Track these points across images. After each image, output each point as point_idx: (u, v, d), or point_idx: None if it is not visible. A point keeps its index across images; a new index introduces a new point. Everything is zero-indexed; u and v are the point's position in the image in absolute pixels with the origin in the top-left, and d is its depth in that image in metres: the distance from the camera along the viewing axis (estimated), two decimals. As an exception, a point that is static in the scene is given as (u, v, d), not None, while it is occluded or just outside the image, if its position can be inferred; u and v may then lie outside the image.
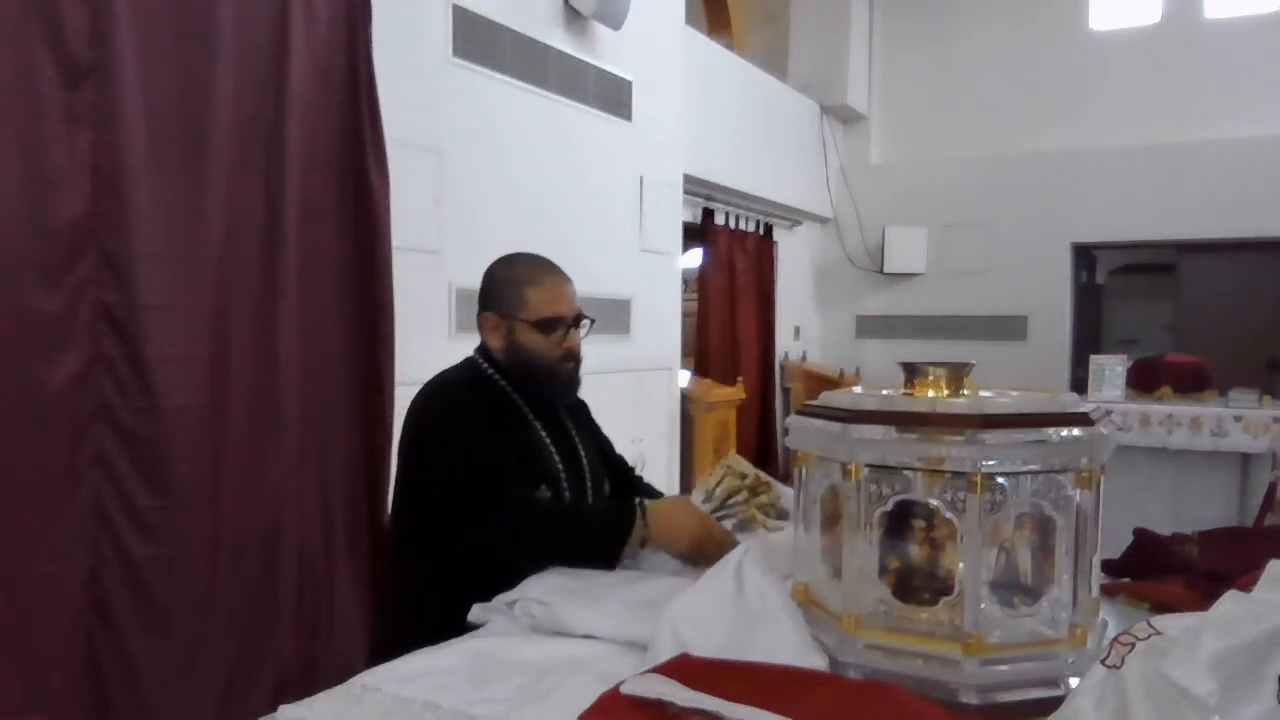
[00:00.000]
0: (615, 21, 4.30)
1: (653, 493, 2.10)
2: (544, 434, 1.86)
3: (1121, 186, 7.35)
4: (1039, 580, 1.19)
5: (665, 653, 1.14)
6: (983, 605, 1.13)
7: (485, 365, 1.90)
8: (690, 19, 5.71)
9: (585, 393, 2.06)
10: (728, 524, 1.72)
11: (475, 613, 1.47)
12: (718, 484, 1.82)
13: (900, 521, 1.18)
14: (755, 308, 7.33)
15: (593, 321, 1.96)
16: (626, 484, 2.11)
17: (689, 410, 5.60)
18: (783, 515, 1.76)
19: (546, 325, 1.84)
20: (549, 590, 1.44)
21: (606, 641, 1.30)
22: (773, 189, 7.22)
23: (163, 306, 2.32)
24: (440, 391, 1.87)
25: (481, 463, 1.70)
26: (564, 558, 1.58)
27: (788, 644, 1.20)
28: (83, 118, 2.17)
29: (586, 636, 1.32)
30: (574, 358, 1.90)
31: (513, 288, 1.87)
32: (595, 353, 4.70)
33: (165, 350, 2.32)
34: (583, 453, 1.95)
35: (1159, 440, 4.93)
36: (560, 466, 1.85)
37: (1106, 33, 7.66)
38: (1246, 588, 0.94)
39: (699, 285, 6.82)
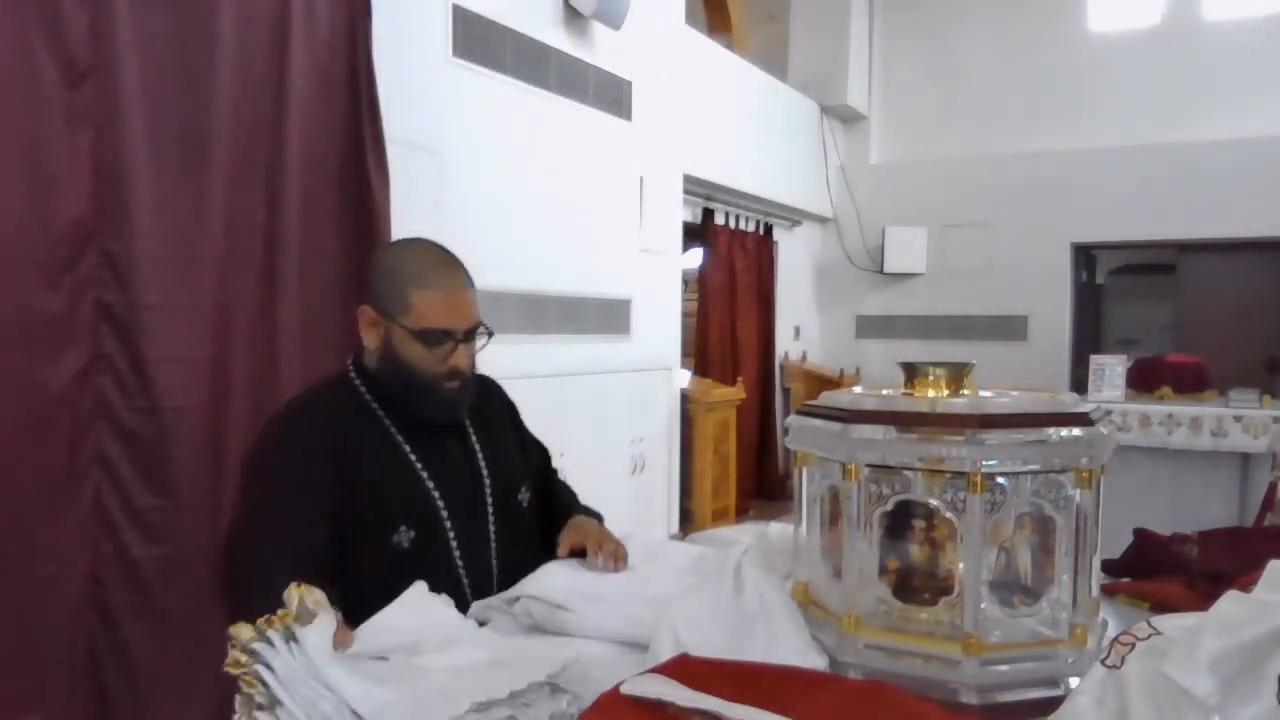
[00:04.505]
0: (615, 21, 4.30)
1: (573, 500, 1.88)
2: (414, 458, 1.59)
3: (1121, 186, 7.35)
4: (1039, 580, 1.19)
5: (665, 653, 1.14)
6: (983, 605, 1.13)
7: (355, 378, 1.63)
8: (690, 19, 5.71)
9: (585, 393, 1.95)
10: None
11: (475, 609, 1.47)
12: None
13: (900, 521, 1.18)
14: (755, 308, 7.33)
15: (491, 335, 1.64)
16: (547, 482, 1.87)
17: (689, 410, 5.60)
18: None
19: (430, 338, 1.54)
20: (550, 589, 1.44)
21: (606, 641, 1.30)
22: (773, 189, 7.22)
23: (163, 306, 2.33)
24: (287, 414, 1.62)
25: (269, 525, 1.46)
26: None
27: (788, 644, 1.20)
28: (83, 118, 2.18)
29: (586, 636, 1.32)
30: (459, 376, 1.59)
31: (397, 283, 1.56)
32: (595, 353, 4.76)
33: (165, 350, 2.33)
34: (482, 463, 1.67)
35: (1159, 440, 4.94)
36: (437, 493, 1.59)
37: (1106, 33, 7.66)
38: (1246, 588, 0.94)
39: (699, 285, 6.82)
